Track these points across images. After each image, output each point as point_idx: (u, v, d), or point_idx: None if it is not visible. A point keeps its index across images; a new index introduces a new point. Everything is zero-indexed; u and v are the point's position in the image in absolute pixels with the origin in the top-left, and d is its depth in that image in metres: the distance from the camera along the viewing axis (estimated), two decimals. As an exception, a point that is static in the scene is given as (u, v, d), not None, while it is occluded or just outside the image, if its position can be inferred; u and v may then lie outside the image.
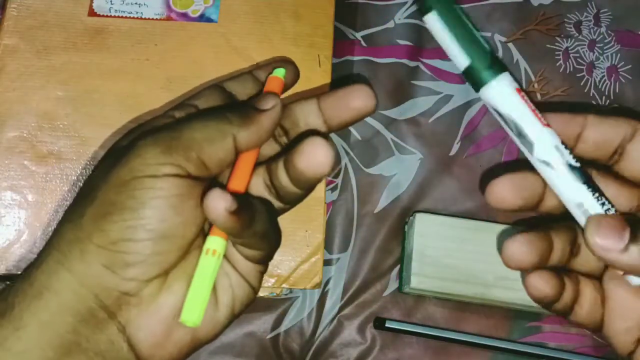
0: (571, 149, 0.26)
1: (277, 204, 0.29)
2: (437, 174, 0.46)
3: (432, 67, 0.48)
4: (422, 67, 0.48)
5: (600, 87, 0.48)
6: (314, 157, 0.26)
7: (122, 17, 0.43)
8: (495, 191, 0.27)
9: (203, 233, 0.28)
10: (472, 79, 0.25)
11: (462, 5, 0.50)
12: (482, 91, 0.26)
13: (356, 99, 0.29)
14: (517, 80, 0.25)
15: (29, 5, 0.43)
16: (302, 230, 0.40)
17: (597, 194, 0.25)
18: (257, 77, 0.34)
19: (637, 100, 0.48)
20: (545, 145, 0.25)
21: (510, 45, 0.49)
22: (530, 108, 0.25)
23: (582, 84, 0.48)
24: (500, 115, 0.26)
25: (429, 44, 0.49)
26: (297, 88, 0.43)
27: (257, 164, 0.29)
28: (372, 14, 0.49)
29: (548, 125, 0.26)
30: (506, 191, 0.27)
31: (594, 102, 0.48)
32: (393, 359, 0.42)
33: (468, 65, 0.25)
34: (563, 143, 0.26)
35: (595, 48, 0.49)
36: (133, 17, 0.43)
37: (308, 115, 0.31)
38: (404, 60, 0.48)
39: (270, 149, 0.31)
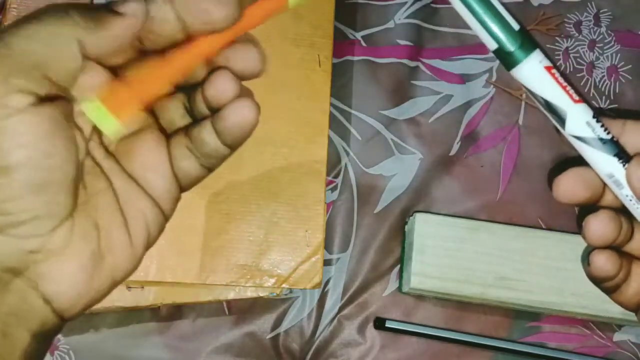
0: (603, 123, 0.27)
1: (201, 169, 0.28)
2: (437, 174, 0.46)
3: (432, 67, 0.48)
4: (422, 67, 0.48)
5: (600, 87, 0.48)
6: (223, 89, 0.25)
7: (122, 17, 0.43)
8: (563, 185, 0.28)
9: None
10: (502, 59, 0.26)
11: (462, 5, 0.50)
12: (513, 72, 0.26)
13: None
14: (548, 56, 0.26)
15: (29, 5, 0.43)
16: (302, 230, 0.40)
17: (626, 165, 0.26)
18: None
19: (637, 100, 0.48)
20: (576, 121, 0.26)
21: (510, 45, 0.49)
22: (561, 85, 0.26)
23: (582, 84, 0.48)
24: (532, 93, 0.26)
25: (429, 44, 0.49)
26: (297, 88, 0.43)
27: (175, 132, 0.28)
28: (372, 14, 0.49)
29: (580, 100, 0.26)
30: (573, 184, 0.28)
31: (594, 102, 0.48)
32: (393, 359, 0.42)
33: (496, 47, 0.26)
34: (595, 116, 0.26)
35: (595, 48, 0.49)
36: (133, 17, 0.43)
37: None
38: (404, 60, 0.48)
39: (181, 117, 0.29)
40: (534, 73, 0.26)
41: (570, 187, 0.28)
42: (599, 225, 0.27)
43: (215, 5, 0.24)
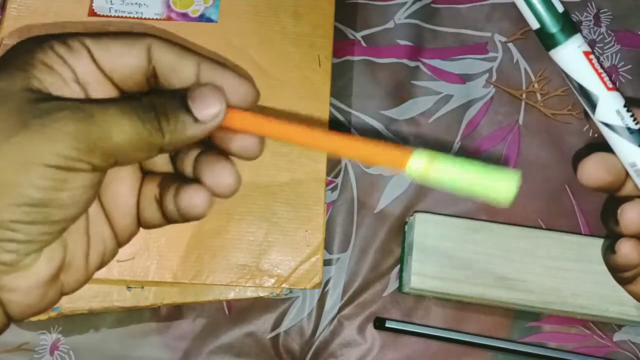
0: (633, 113, 0.27)
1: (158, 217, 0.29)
2: (437, 174, 0.46)
3: (432, 67, 0.48)
4: (422, 67, 0.48)
5: (600, 87, 0.48)
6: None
7: (122, 17, 0.43)
8: (587, 168, 0.28)
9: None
10: (542, 39, 0.26)
11: (462, 6, 0.50)
12: (552, 53, 0.26)
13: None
14: (589, 42, 0.26)
15: (29, 5, 0.43)
16: (302, 230, 0.40)
17: None
18: (199, 70, 0.27)
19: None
20: (607, 108, 0.26)
21: (510, 45, 0.49)
22: (597, 72, 0.26)
23: (582, 84, 0.48)
24: (567, 76, 0.27)
25: (429, 44, 0.49)
26: (297, 88, 0.43)
27: (151, 174, 0.29)
28: (372, 14, 0.49)
29: (613, 88, 0.27)
30: (597, 168, 0.28)
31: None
32: (393, 359, 0.42)
33: (538, 27, 0.26)
34: (625, 106, 0.27)
35: (595, 48, 0.49)
36: (133, 17, 0.43)
37: None
38: (404, 60, 0.48)
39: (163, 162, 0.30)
40: (572, 56, 0.26)
41: (594, 170, 0.28)
42: (636, 213, 0.28)
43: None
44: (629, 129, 0.27)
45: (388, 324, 0.42)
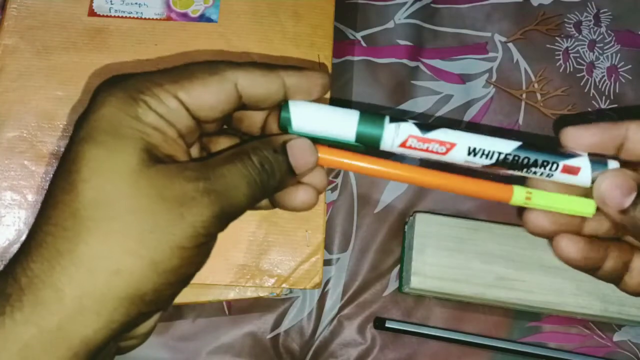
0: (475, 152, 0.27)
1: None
2: (437, 174, 0.46)
3: (432, 67, 0.48)
4: (422, 67, 0.48)
5: (600, 87, 0.48)
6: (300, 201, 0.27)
7: (122, 17, 0.43)
8: (567, 131, 0.28)
9: None
10: None
11: (462, 6, 0.50)
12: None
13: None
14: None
15: (29, 5, 0.43)
16: (302, 230, 0.40)
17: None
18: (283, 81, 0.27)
19: (637, 100, 0.48)
20: (460, 158, 0.26)
21: (510, 45, 0.49)
22: (423, 149, 0.27)
23: (582, 84, 0.48)
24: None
25: (429, 44, 0.49)
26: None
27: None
28: (372, 14, 0.49)
29: (445, 152, 0.27)
30: (579, 131, 0.28)
31: (594, 102, 0.48)
32: (393, 359, 0.42)
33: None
34: (470, 152, 0.27)
35: (595, 48, 0.49)
36: (133, 17, 0.43)
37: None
38: (404, 60, 0.48)
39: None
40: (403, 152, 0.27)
41: (576, 134, 0.28)
42: (540, 216, 0.28)
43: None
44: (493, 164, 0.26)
45: (388, 324, 0.42)
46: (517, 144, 0.26)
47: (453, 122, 0.47)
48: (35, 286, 0.21)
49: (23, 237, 0.38)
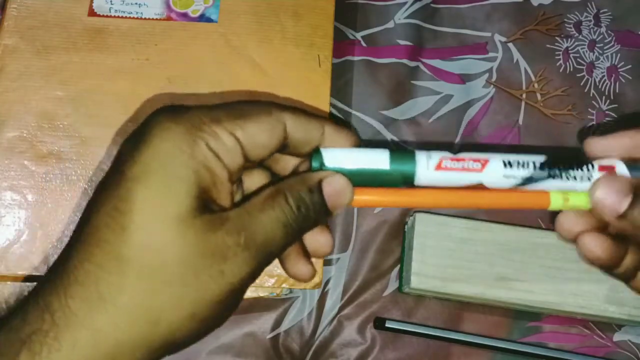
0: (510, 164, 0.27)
1: None
2: (437, 174, 0.46)
3: (432, 67, 0.48)
4: (422, 67, 0.48)
5: (600, 87, 0.48)
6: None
7: (122, 17, 0.43)
8: (594, 140, 0.28)
9: None
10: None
11: (463, 5, 0.50)
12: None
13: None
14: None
15: (29, 5, 0.43)
16: (302, 230, 0.40)
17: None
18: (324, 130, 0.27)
19: (637, 100, 0.48)
20: (496, 179, 0.26)
21: (510, 45, 0.49)
22: (461, 169, 0.26)
23: (582, 84, 0.48)
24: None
25: (429, 44, 0.49)
26: (297, 88, 0.43)
27: None
28: (372, 14, 0.49)
29: (480, 169, 0.26)
30: (606, 140, 0.28)
31: (594, 103, 0.48)
32: (393, 359, 0.42)
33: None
34: (506, 164, 0.26)
35: (595, 48, 0.49)
36: (133, 17, 0.43)
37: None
38: (404, 60, 0.48)
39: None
40: (432, 179, 0.27)
41: (602, 143, 0.28)
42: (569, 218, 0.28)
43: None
44: (528, 178, 0.26)
45: (388, 324, 0.42)
46: (544, 156, 0.27)
47: (453, 122, 0.47)
48: (74, 326, 0.21)
49: (23, 237, 0.38)
